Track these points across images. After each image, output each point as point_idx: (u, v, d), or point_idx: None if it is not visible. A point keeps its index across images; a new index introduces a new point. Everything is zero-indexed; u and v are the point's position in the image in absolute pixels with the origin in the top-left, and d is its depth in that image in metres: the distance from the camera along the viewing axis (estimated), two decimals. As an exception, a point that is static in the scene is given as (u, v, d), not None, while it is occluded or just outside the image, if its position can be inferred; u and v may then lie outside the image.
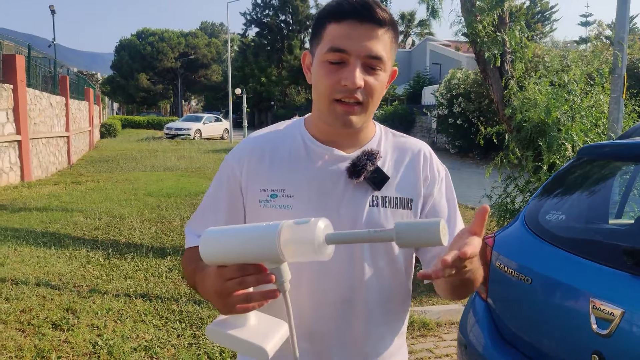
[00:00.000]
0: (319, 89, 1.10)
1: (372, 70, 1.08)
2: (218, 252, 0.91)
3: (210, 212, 1.22)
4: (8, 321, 3.51)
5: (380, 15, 1.06)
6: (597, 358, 1.61)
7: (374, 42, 1.06)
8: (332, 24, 1.07)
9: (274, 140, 1.21)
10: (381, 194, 1.14)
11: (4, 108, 10.71)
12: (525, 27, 6.64)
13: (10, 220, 6.80)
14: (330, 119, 1.11)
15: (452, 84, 18.02)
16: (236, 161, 1.19)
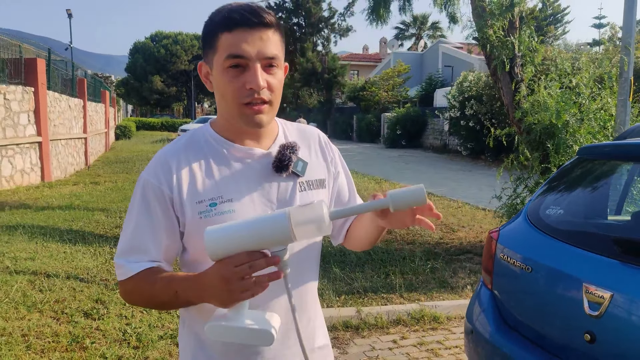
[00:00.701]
0: (226, 95, 1.17)
1: (270, 68, 1.17)
2: (228, 246, 1.00)
3: (145, 235, 1.19)
4: (43, 310, 3.75)
5: (268, 19, 1.15)
6: (589, 337, 1.79)
7: (268, 44, 1.15)
8: (224, 34, 1.14)
9: (191, 151, 1.23)
10: (305, 179, 1.28)
11: (26, 110, 11.03)
12: (534, 31, 6.76)
13: (35, 218, 7.07)
14: (242, 122, 1.19)
15: (464, 86, 18.09)
16: (159, 180, 1.19)
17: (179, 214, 1.18)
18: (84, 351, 3.23)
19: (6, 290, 4.01)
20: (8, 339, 3.23)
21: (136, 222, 1.20)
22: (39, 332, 3.40)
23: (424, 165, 17.21)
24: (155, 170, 1.21)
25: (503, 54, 6.67)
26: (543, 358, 1.98)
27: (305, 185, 1.28)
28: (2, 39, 11.13)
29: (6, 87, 10.27)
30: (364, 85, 31.57)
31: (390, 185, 11.50)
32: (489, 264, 2.46)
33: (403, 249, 6.21)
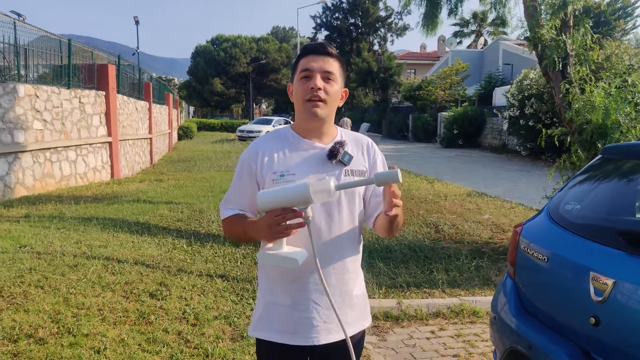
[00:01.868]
0: (297, 96, 1.77)
1: (327, 80, 1.74)
2: (272, 201, 1.56)
3: (239, 193, 1.84)
4: (115, 290, 4.21)
5: (330, 50, 1.76)
6: (593, 320, 1.98)
7: (327, 64, 1.74)
8: (302, 59, 1.77)
9: (274, 140, 1.84)
10: (349, 168, 1.80)
11: (98, 113, 11.86)
12: (589, 29, 6.70)
13: (106, 211, 7.69)
14: (304, 114, 1.76)
15: (524, 84, 17.68)
16: (249, 158, 1.81)
17: (260, 181, 1.79)
18: (149, 325, 3.65)
19: (84, 272, 4.52)
20: (87, 312, 3.70)
21: (232, 185, 1.87)
22: (111, 307, 3.85)
23: (479, 165, 17.04)
24: (248, 152, 1.84)
25: (555, 53, 6.66)
26: (556, 341, 2.17)
27: (350, 172, 1.79)
28: (77, 46, 12.00)
29: (81, 92, 11.10)
30: (420, 84, 31.37)
31: (442, 185, 11.58)
32: (513, 256, 2.66)
33: (450, 248, 6.35)
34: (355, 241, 1.83)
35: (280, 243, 1.60)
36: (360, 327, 1.87)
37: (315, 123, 1.78)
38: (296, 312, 1.75)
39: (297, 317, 1.75)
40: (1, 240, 5.43)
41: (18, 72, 9.51)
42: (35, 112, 9.34)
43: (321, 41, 1.91)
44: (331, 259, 1.76)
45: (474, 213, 8.32)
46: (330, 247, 1.76)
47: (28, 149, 9.01)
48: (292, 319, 1.76)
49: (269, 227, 1.55)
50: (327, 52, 1.75)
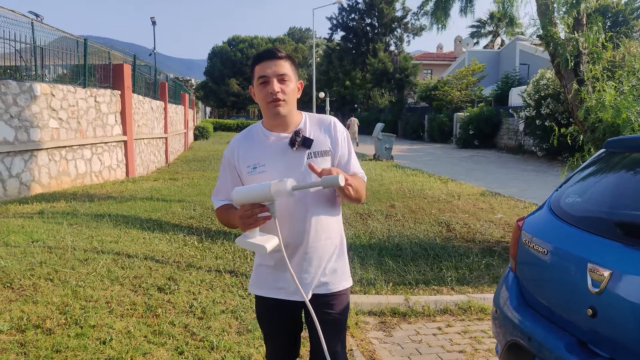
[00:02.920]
0: (259, 99, 2.01)
1: (283, 81, 1.98)
2: (242, 198, 1.85)
3: (224, 186, 2.12)
4: (124, 283, 4.27)
5: (280, 53, 2.00)
6: (590, 311, 1.96)
7: (279, 67, 1.98)
8: (257, 65, 2.00)
9: (247, 137, 2.12)
10: (312, 150, 2.02)
11: (113, 112, 12.01)
12: (602, 28, 6.63)
13: (119, 208, 7.78)
14: (269, 114, 2.01)
15: (540, 84, 17.52)
16: (228, 155, 2.11)
17: (239, 173, 2.07)
18: (156, 318, 3.69)
19: (94, 266, 4.59)
20: (95, 305, 3.75)
21: (219, 178, 2.16)
22: (119, 300, 3.90)
23: (494, 165, 16.92)
24: (227, 149, 2.13)
25: (567, 51, 6.60)
26: (554, 332, 2.16)
27: (312, 154, 2.02)
28: (94, 46, 12.17)
29: (97, 91, 11.26)
30: (436, 85, 31.24)
31: (456, 185, 11.52)
32: (514, 250, 2.65)
33: (460, 246, 6.32)
34: (331, 213, 2.09)
35: (253, 231, 1.87)
36: (337, 287, 2.11)
37: (280, 119, 2.02)
38: (276, 273, 2.07)
39: (278, 277, 2.07)
40: (14, 235, 5.53)
41: (36, 72, 9.69)
42: (52, 110, 9.50)
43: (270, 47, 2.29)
44: (308, 232, 2.02)
45: (486, 212, 8.26)
46: (306, 223, 2.01)
47: (44, 147, 9.16)
48: (275, 278, 2.08)
49: (241, 219, 1.84)
50: (277, 56, 1.99)
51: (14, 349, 3.05)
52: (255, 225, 1.84)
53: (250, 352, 3.38)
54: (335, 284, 2.11)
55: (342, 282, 2.13)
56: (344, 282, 2.14)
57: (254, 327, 3.71)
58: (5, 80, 8.39)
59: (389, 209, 8.15)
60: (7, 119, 8.35)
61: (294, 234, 2.01)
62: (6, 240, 5.29)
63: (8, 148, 8.30)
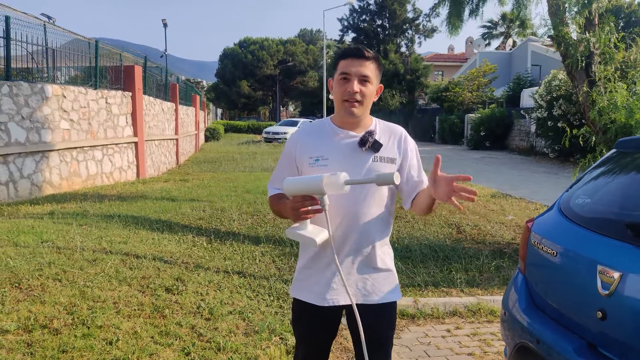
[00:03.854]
0: (336, 94, 1.99)
1: (363, 83, 1.95)
2: (293, 189, 1.83)
3: (280, 174, 2.10)
4: (132, 284, 4.27)
5: (367, 54, 1.96)
6: (600, 314, 1.93)
7: (363, 68, 1.94)
8: (342, 61, 1.97)
9: (314, 130, 2.10)
10: (379, 155, 1.99)
11: (124, 113, 12.08)
12: (614, 28, 6.55)
13: (129, 209, 7.81)
14: (342, 112, 1.99)
15: (552, 85, 17.38)
16: (292, 144, 2.10)
17: (298, 164, 2.05)
18: (164, 319, 3.69)
19: (102, 267, 4.60)
20: (102, 305, 3.76)
21: (277, 167, 2.16)
22: (127, 301, 3.91)
23: (506, 167, 16.80)
24: (290, 139, 2.13)
25: (578, 52, 6.54)
26: (563, 335, 2.12)
27: (378, 158, 2.00)
28: (105, 48, 12.25)
29: (108, 92, 11.32)
30: (447, 86, 31.10)
31: (466, 186, 11.42)
32: (524, 251, 2.61)
33: (470, 248, 6.27)
34: (383, 221, 2.04)
35: (304, 223, 1.85)
36: (384, 299, 2.04)
37: (352, 119, 2.00)
38: (322, 277, 2.02)
39: (322, 281, 2.02)
40: (24, 236, 5.57)
41: (48, 73, 9.76)
42: (63, 112, 9.56)
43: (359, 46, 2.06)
44: (359, 235, 1.99)
45: (497, 214, 8.20)
46: (359, 226, 1.98)
47: (55, 148, 9.23)
48: (318, 282, 2.03)
49: (292, 210, 1.83)
50: (364, 55, 1.95)
51: (21, 349, 3.06)
52: (305, 218, 1.83)
53: (257, 353, 3.37)
54: (380, 295, 2.04)
55: (389, 294, 2.07)
56: (391, 294, 2.08)
57: (261, 329, 3.69)
58: (17, 81, 8.46)
59: (399, 211, 8.10)
60: (18, 120, 8.42)
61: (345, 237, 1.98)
62: (16, 241, 5.33)
63: (19, 149, 8.37)
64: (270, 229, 6.89)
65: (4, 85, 8.11)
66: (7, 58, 8.41)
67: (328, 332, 2.12)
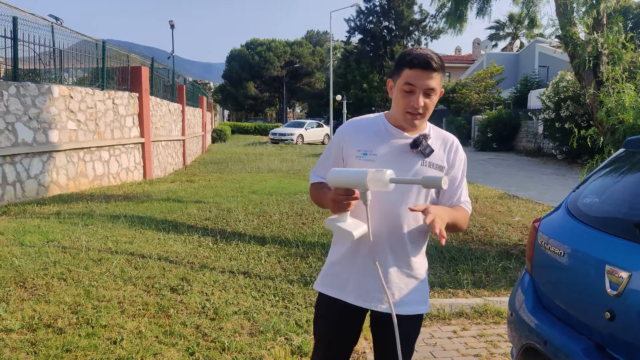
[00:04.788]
0: (399, 105, 1.90)
1: (428, 96, 1.87)
2: (337, 180, 1.78)
3: (325, 163, 2.08)
4: (137, 283, 4.28)
5: (435, 65, 1.83)
6: (609, 315, 1.89)
7: (431, 81, 1.84)
8: (407, 69, 1.85)
9: (364, 123, 2.04)
10: (428, 160, 1.93)
11: (131, 114, 12.11)
12: (622, 28, 6.50)
13: (136, 210, 7.83)
14: (403, 122, 1.93)
15: (560, 86, 17.30)
16: (341, 135, 2.04)
17: (345, 155, 2.00)
18: (168, 318, 3.68)
19: (108, 266, 4.60)
20: (107, 304, 3.76)
21: (322, 155, 2.12)
22: (131, 300, 3.91)
23: (513, 168, 16.72)
24: (341, 129, 2.07)
25: (586, 52, 6.49)
26: (571, 336, 2.09)
27: (427, 164, 1.94)
28: (112, 49, 12.29)
29: (115, 93, 11.36)
30: (454, 87, 31.01)
31: (474, 188, 11.39)
32: (530, 252, 2.58)
33: (477, 249, 6.23)
34: (421, 229, 1.97)
35: (344, 215, 1.81)
36: (413, 310, 1.98)
37: (411, 129, 1.95)
38: (353, 275, 1.96)
39: (353, 279, 1.96)
40: (30, 235, 5.59)
41: (55, 74, 9.81)
42: (70, 112, 9.60)
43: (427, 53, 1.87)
44: (396, 239, 1.93)
45: (504, 215, 8.15)
46: (397, 229, 1.92)
47: (62, 148, 9.26)
48: (348, 280, 1.97)
49: (333, 202, 1.79)
50: (432, 67, 1.84)
51: (25, 348, 3.06)
52: (345, 210, 1.78)
53: (262, 353, 3.35)
54: (413, 306, 1.98)
55: (418, 306, 2.00)
56: (421, 305, 2.01)
57: (266, 329, 3.68)
58: (24, 82, 8.50)
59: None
60: (25, 120, 8.46)
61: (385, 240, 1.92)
62: (22, 240, 5.35)
63: (26, 149, 8.40)
64: (276, 229, 6.88)
65: (11, 85, 8.15)
66: (15, 59, 8.45)
67: (352, 334, 2.06)
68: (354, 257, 1.96)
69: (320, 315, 2.08)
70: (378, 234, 1.89)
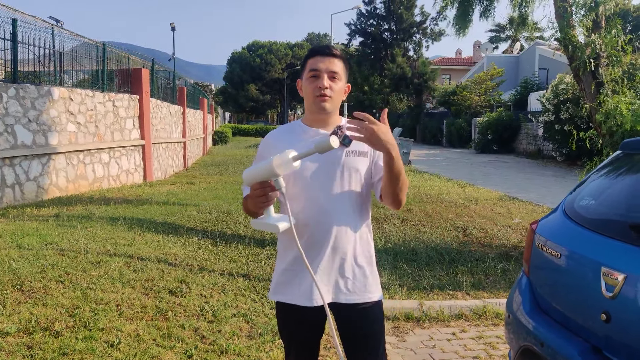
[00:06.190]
0: (308, 93, 1.99)
1: (333, 79, 1.97)
2: (250, 177, 1.80)
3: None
4: (135, 286, 4.27)
5: (335, 51, 1.99)
6: (605, 316, 1.89)
7: (332, 65, 1.97)
8: (310, 59, 2.00)
9: (286, 131, 2.12)
10: (350, 149, 1.97)
11: (131, 116, 12.12)
12: (621, 30, 6.50)
13: (135, 212, 7.83)
14: (314, 108, 1.99)
15: (559, 89, 17.33)
16: (262, 147, 2.10)
17: None
18: (166, 321, 3.68)
19: (106, 269, 4.60)
20: (104, 307, 3.76)
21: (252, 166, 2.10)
22: (130, 303, 3.90)
23: (513, 170, 16.71)
24: (262, 142, 2.13)
25: (585, 54, 6.49)
26: (567, 338, 2.09)
27: (351, 153, 1.98)
28: (113, 51, 12.30)
29: (115, 95, 11.37)
30: (455, 90, 31.02)
31: (474, 190, 11.38)
32: (528, 254, 2.57)
33: (477, 251, 6.23)
34: (356, 214, 2.00)
35: (267, 211, 1.84)
36: (361, 298, 2.00)
37: (323, 115, 2.01)
38: (300, 276, 1.98)
39: (301, 281, 1.98)
40: (28, 238, 5.58)
41: (55, 76, 9.81)
42: (69, 114, 9.61)
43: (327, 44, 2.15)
44: (329, 227, 1.95)
45: (504, 217, 8.14)
46: (328, 216, 1.95)
47: (61, 150, 9.26)
48: (297, 283, 1.99)
49: (251, 199, 1.82)
50: (332, 53, 1.98)
51: (21, 351, 3.05)
52: (266, 205, 1.81)
53: (260, 356, 3.35)
54: (362, 294, 2.01)
55: (370, 294, 2.03)
56: (372, 293, 2.03)
57: (265, 331, 3.67)
58: (24, 84, 8.50)
59: (406, 214, 8.06)
60: (25, 122, 8.46)
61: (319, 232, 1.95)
62: (19, 243, 5.34)
63: (26, 152, 8.40)
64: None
65: (10, 87, 8.16)
66: (14, 61, 8.47)
67: (316, 331, 2.09)
68: (292, 258, 1.99)
69: (283, 323, 2.11)
70: (315, 228, 1.95)
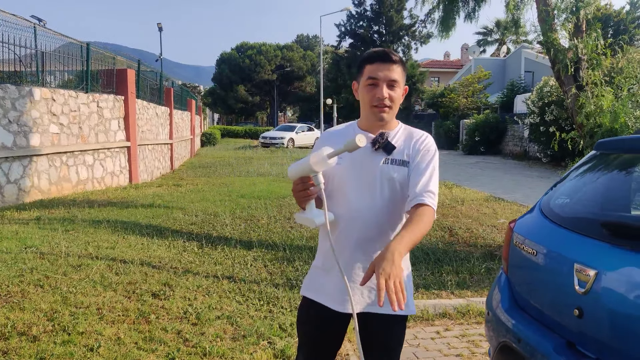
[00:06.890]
0: (365, 101, 1.96)
1: (392, 87, 1.91)
2: (293, 174, 1.87)
3: None
4: (117, 289, 4.23)
5: (394, 57, 1.92)
6: (577, 312, 1.92)
7: (391, 73, 1.90)
8: (367, 65, 1.94)
9: (339, 131, 2.12)
10: (390, 157, 1.94)
11: (117, 117, 12.02)
12: (600, 35, 6.59)
13: (119, 214, 7.76)
14: (371, 117, 1.97)
15: (544, 91, 17.55)
16: (319, 142, 2.10)
17: None
18: (149, 324, 3.64)
19: (87, 272, 4.55)
20: (85, 311, 3.71)
21: None
22: (111, 307, 3.86)
23: (499, 171, 16.84)
24: (318, 141, 2.13)
25: (567, 57, 6.58)
26: (543, 334, 2.11)
27: (389, 161, 1.95)
28: (98, 51, 12.20)
29: (99, 96, 11.27)
30: (443, 92, 31.22)
31: (460, 191, 11.44)
32: (506, 252, 2.60)
33: (462, 251, 6.26)
34: (389, 221, 1.96)
35: (309, 206, 1.88)
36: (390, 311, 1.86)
37: (380, 123, 1.97)
38: (329, 278, 1.98)
39: (331, 282, 1.97)
40: (7, 242, 5.50)
41: (38, 77, 9.70)
42: (52, 115, 9.50)
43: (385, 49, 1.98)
44: (364, 236, 1.93)
45: (489, 217, 8.20)
46: (366, 224, 1.92)
47: (44, 152, 9.14)
48: (327, 283, 1.99)
49: (293, 193, 1.87)
50: (391, 59, 1.91)
51: (-3, 356, 3.01)
52: (307, 200, 1.85)
53: (244, 357, 3.33)
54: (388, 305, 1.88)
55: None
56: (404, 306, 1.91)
57: (249, 333, 3.66)
58: (4, 84, 8.38)
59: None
60: (5, 123, 8.35)
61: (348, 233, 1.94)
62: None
63: (6, 153, 8.28)
64: (263, 233, 6.85)
65: (-9, 88, 8.05)
66: (-6, 61, 8.36)
67: (334, 338, 2.05)
68: (328, 259, 1.96)
69: (302, 318, 2.09)
70: (349, 232, 1.94)
